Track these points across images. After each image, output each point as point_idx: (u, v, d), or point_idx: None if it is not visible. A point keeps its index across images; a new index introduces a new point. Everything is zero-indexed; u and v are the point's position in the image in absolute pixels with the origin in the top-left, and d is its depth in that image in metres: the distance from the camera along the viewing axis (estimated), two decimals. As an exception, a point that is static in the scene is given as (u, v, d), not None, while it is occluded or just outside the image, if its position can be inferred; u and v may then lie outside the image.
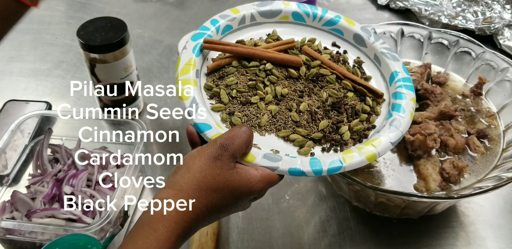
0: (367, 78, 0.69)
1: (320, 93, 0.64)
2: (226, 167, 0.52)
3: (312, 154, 0.60)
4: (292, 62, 0.64)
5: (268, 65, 0.64)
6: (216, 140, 0.53)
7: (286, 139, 0.61)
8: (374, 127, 0.65)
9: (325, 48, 0.71)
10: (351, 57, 0.71)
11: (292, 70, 0.64)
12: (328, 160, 0.58)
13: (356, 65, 0.70)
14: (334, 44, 0.72)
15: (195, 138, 0.57)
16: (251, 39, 0.69)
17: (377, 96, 0.67)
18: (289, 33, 0.70)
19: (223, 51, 0.64)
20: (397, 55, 0.71)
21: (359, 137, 0.63)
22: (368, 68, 0.71)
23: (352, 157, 0.58)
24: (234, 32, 0.69)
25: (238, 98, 0.62)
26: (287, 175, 0.57)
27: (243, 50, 0.64)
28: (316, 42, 0.71)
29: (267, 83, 0.63)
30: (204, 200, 0.51)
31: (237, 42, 0.68)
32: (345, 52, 0.71)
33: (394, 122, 0.63)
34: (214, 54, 0.66)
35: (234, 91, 0.62)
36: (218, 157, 0.52)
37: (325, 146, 0.61)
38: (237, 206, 0.54)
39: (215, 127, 0.57)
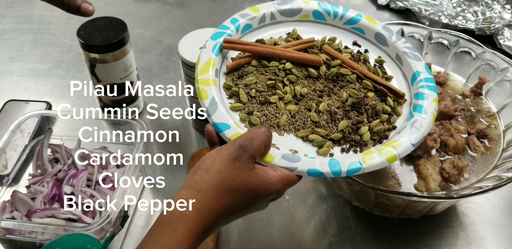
0: (388, 78, 0.68)
1: (340, 93, 0.64)
2: (245, 167, 0.52)
3: (331, 155, 0.60)
4: (312, 61, 0.64)
5: (288, 65, 0.63)
6: (235, 140, 0.53)
7: (305, 139, 0.60)
8: (394, 127, 0.64)
9: (346, 47, 0.70)
10: (372, 57, 0.70)
11: (312, 70, 0.64)
12: (348, 161, 0.57)
13: (377, 64, 0.69)
14: (355, 43, 0.71)
15: (213, 137, 0.57)
16: (271, 38, 0.68)
17: (398, 97, 0.66)
18: (310, 32, 0.70)
19: (243, 51, 0.64)
20: (419, 54, 0.70)
21: (379, 137, 0.62)
22: (390, 68, 0.70)
23: (372, 158, 0.58)
24: (254, 31, 0.69)
25: (257, 98, 0.62)
26: (306, 176, 0.56)
27: (263, 50, 0.64)
28: (337, 41, 0.70)
29: (287, 83, 0.63)
30: (223, 200, 0.51)
31: (257, 41, 0.67)
32: (366, 51, 0.71)
33: (415, 124, 0.62)
34: (234, 53, 0.66)
35: (253, 90, 0.62)
36: (237, 157, 0.52)
37: (344, 146, 0.61)
38: (255, 206, 0.54)
39: (234, 126, 0.57)
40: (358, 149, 0.61)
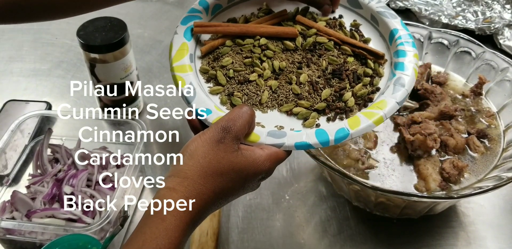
0: (366, 41, 0.67)
1: (320, 62, 0.62)
2: (230, 149, 0.51)
3: (318, 125, 0.58)
4: (287, 33, 0.63)
5: (263, 40, 0.62)
6: (217, 123, 0.52)
7: (289, 113, 0.59)
8: (378, 89, 0.62)
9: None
10: (348, 21, 0.68)
11: (288, 42, 0.63)
12: (334, 129, 0.56)
13: (353, 28, 0.68)
14: None
15: (196, 124, 0.56)
16: (242, 15, 0.67)
17: (378, 58, 0.64)
18: (281, 5, 0.68)
19: (216, 33, 0.63)
20: (394, 13, 0.67)
21: (364, 101, 0.61)
22: (366, 30, 0.68)
23: (358, 122, 0.56)
24: (225, 10, 0.67)
25: (235, 78, 0.60)
26: (294, 150, 0.55)
27: (236, 29, 0.62)
28: (310, 10, 0.68)
29: (264, 59, 0.61)
30: (211, 185, 0.50)
31: (229, 20, 0.66)
32: (340, 16, 0.69)
33: (398, 82, 0.60)
34: (207, 36, 0.64)
35: (231, 71, 0.60)
36: (220, 140, 0.51)
37: (330, 115, 0.59)
38: (245, 187, 0.53)
39: (215, 110, 0.56)
40: (344, 116, 0.59)
